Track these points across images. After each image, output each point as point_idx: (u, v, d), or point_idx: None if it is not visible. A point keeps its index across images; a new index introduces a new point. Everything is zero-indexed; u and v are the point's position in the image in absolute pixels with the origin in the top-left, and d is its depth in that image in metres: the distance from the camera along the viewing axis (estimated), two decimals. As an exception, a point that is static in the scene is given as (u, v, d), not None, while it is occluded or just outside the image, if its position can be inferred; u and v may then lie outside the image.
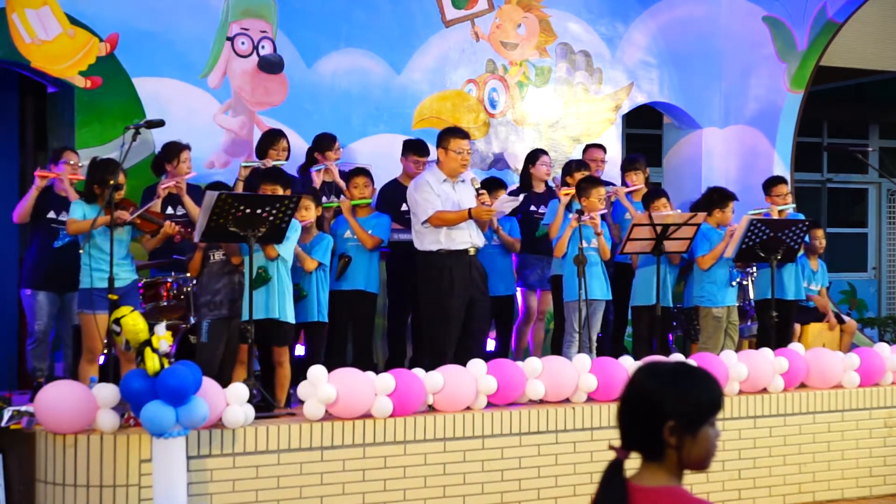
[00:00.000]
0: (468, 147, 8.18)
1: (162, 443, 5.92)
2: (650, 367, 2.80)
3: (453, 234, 8.02)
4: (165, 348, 5.98)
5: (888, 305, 17.11)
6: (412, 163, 9.36)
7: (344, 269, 8.51)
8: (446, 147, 8.12)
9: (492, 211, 8.04)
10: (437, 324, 8.01)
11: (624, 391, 2.78)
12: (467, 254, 8.06)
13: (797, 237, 8.92)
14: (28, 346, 8.37)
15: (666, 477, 2.74)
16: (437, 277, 7.97)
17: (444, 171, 8.13)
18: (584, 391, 7.48)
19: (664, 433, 2.69)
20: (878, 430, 8.38)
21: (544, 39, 11.18)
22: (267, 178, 7.76)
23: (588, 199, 8.67)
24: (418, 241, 8.10)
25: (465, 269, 8.02)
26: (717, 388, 2.79)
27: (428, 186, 8.05)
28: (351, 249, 8.57)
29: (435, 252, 8.00)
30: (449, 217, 7.97)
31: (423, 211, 7.99)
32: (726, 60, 12.09)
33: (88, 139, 9.03)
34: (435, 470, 6.88)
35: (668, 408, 2.70)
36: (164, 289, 8.25)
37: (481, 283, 8.19)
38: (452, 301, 7.96)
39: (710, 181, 11.23)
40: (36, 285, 8.29)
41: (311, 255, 7.97)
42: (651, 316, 8.89)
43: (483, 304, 8.19)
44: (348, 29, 10.24)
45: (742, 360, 7.97)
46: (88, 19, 9.14)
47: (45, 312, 8.30)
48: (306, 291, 7.94)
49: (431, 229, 7.99)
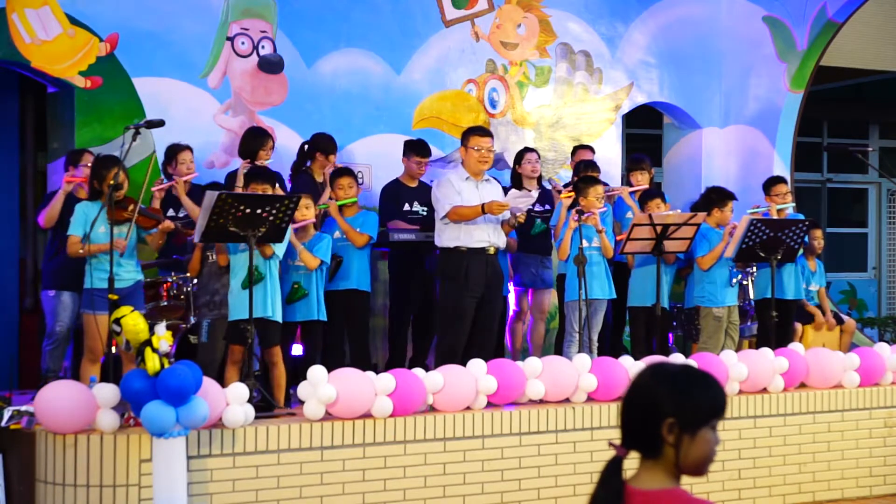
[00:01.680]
0: (489, 145, 8.25)
1: (162, 443, 5.92)
2: (657, 366, 2.81)
3: (472, 233, 8.08)
4: (165, 348, 5.98)
5: (888, 305, 17.11)
6: (414, 163, 9.39)
7: (336, 270, 8.50)
8: (467, 145, 8.26)
9: (505, 206, 8.06)
10: (450, 321, 8.07)
11: (628, 387, 2.78)
12: (486, 252, 8.12)
13: (797, 237, 8.92)
14: (46, 346, 8.34)
15: (663, 478, 2.73)
16: (453, 274, 8.04)
17: (466, 169, 8.25)
18: (584, 391, 7.48)
19: (662, 429, 2.69)
20: (878, 430, 8.38)
21: (544, 39, 11.18)
22: (257, 177, 7.70)
23: (586, 199, 8.67)
24: (438, 238, 8.20)
25: (482, 268, 8.08)
26: (720, 392, 2.80)
27: (449, 184, 8.18)
28: (341, 250, 8.56)
29: (453, 249, 8.07)
30: (464, 212, 8.04)
31: (441, 207, 8.11)
32: (726, 60, 12.09)
33: (88, 139, 9.02)
34: (435, 470, 6.88)
35: (668, 404, 2.71)
36: (164, 289, 8.26)
37: (496, 284, 8.25)
38: (466, 299, 8.02)
39: (710, 181, 11.22)
40: (60, 286, 8.26)
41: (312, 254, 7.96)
42: (648, 316, 8.90)
43: (494, 305, 8.25)
44: (348, 29, 10.23)
45: (742, 360, 7.97)
46: (88, 19, 9.14)
47: (66, 313, 8.26)
48: (306, 290, 7.93)
49: (451, 226, 8.07)
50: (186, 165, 8.48)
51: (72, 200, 8.25)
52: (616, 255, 9.02)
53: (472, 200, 8.09)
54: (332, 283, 8.49)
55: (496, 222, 8.20)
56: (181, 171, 8.41)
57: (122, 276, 7.29)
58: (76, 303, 8.29)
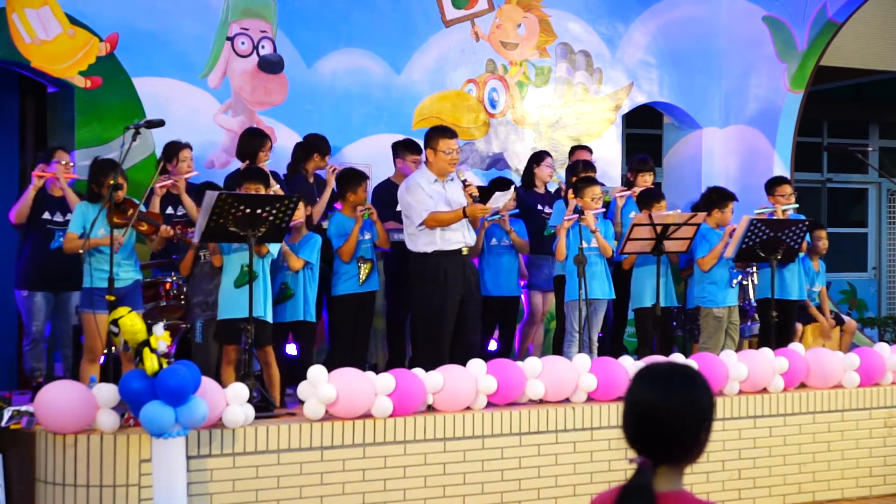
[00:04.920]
0: (457, 146, 8.10)
1: (162, 443, 5.92)
2: (693, 372, 2.81)
3: (447, 235, 7.97)
4: (163, 348, 5.97)
5: (888, 305, 17.11)
6: (410, 162, 9.35)
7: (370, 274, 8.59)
8: (435, 147, 8.03)
9: (486, 209, 8.01)
10: (432, 324, 7.98)
11: (667, 396, 2.75)
12: (461, 254, 8.02)
13: (797, 237, 8.92)
14: (25, 346, 8.38)
15: (676, 479, 2.75)
16: (432, 278, 7.93)
17: (433, 170, 8.05)
18: (584, 391, 7.48)
19: (703, 433, 2.75)
20: (878, 430, 8.37)
21: (544, 39, 11.18)
22: (250, 177, 7.66)
23: (582, 200, 8.65)
24: (412, 244, 8.04)
25: (459, 269, 7.99)
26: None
27: (420, 188, 7.97)
28: (368, 252, 8.62)
29: (430, 253, 7.96)
30: (444, 217, 7.92)
31: (416, 213, 7.93)
32: (726, 60, 12.09)
33: (88, 139, 9.03)
34: (435, 470, 6.88)
35: (710, 408, 2.78)
36: (164, 289, 8.26)
37: (474, 284, 8.15)
38: (447, 301, 7.93)
39: (710, 181, 11.23)
40: (32, 286, 8.28)
41: (298, 254, 7.95)
42: (652, 316, 8.89)
43: (474, 305, 8.12)
44: (348, 29, 10.24)
45: (742, 360, 7.97)
46: (88, 19, 9.14)
47: (41, 313, 8.29)
48: (293, 290, 7.92)
49: (426, 231, 7.94)
50: (187, 163, 8.46)
51: (52, 200, 8.26)
52: (616, 255, 9.02)
53: (440, 202, 7.97)
54: (365, 285, 8.56)
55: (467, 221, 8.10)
56: (182, 169, 8.39)
57: (121, 276, 7.28)
58: (50, 303, 8.31)
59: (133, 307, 6.62)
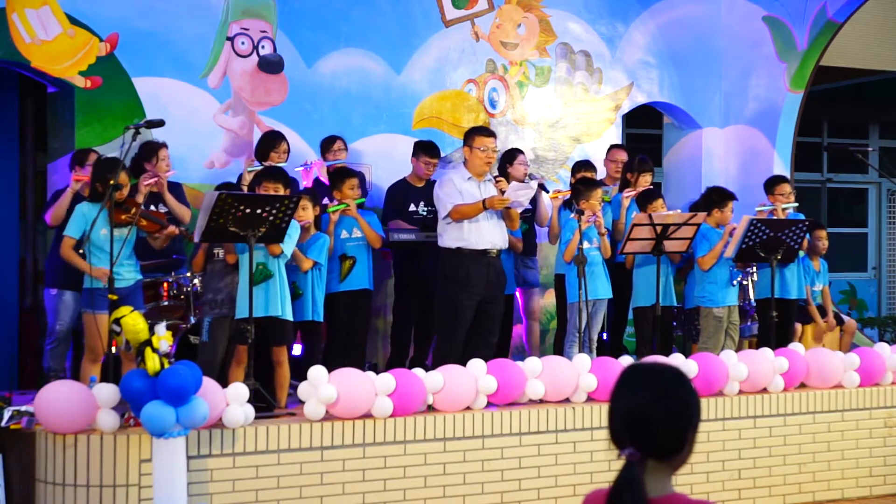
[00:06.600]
0: (493, 145, 8.16)
1: (162, 443, 5.92)
2: (677, 371, 2.80)
3: (476, 234, 7.99)
4: (165, 348, 5.98)
5: (888, 305, 17.11)
6: (423, 164, 9.38)
7: (350, 271, 8.53)
8: (471, 145, 8.14)
9: (506, 200, 7.97)
10: (448, 322, 8.02)
11: (658, 394, 2.74)
12: (488, 254, 8.04)
13: (797, 237, 8.92)
14: (47, 345, 8.34)
15: (664, 483, 2.74)
16: (453, 276, 7.97)
17: (469, 169, 8.14)
18: (584, 391, 7.48)
19: (691, 433, 2.74)
20: (878, 430, 8.38)
21: (544, 39, 11.18)
22: (269, 176, 7.70)
23: (588, 202, 8.67)
24: (441, 239, 8.12)
25: (483, 270, 8.00)
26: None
27: (451, 183, 8.07)
28: (352, 250, 8.58)
29: (455, 250, 8.00)
30: (465, 210, 7.96)
31: (443, 206, 8.03)
32: (726, 60, 12.09)
33: (88, 139, 9.02)
34: (435, 470, 6.88)
35: (697, 408, 2.77)
36: (164, 289, 8.26)
37: (498, 286, 8.15)
38: (465, 301, 7.95)
39: (710, 181, 11.23)
40: (62, 284, 8.26)
41: (307, 254, 7.96)
42: (652, 316, 8.89)
43: (496, 307, 8.15)
44: (348, 29, 10.23)
45: (742, 360, 7.97)
46: (88, 19, 9.14)
47: (68, 312, 8.26)
48: (301, 290, 7.93)
49: (454, 226, 7.98)
50: (166, 162, 8.43)
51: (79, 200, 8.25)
52: (617, 255, 9.02)
53: (470, 200, 8.01)
54: (345, 283, 8.50)
55: (499, 218, 8.13)
56: (161, 168, 8.37)
57: (122, 276, 7.28)
58: (78, 302, 8.28)
59: (134, 307, 6.62)
